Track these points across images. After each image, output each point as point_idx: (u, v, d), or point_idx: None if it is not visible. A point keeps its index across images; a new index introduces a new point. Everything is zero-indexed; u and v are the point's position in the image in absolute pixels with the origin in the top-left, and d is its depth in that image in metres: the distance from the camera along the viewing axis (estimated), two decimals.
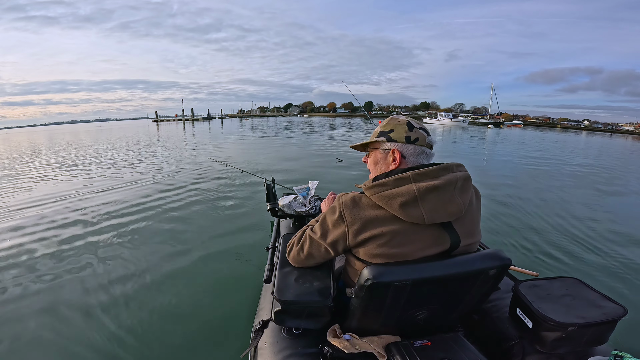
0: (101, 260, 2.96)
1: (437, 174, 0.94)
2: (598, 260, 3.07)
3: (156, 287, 2.50)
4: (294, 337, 1.14)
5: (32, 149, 15.95)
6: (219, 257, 3.02)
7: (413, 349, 1.03)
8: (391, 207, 0.92)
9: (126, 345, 1.92)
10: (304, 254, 1.15)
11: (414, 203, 0.90)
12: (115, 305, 2.30)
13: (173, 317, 2.16)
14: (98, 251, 3.17)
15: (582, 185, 6.67)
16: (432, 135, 1.08)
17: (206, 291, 2.46)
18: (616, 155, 14.77)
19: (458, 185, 0.94)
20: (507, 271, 1.65)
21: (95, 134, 28.76)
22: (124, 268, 2.81)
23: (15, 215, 4.37)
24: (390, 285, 0.94)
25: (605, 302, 1.09)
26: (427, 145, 1.03)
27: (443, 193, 0.92)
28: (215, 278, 2.64)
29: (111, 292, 2.46)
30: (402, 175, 0.94)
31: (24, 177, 7.37)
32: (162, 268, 2.79)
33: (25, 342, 1.97)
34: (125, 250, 3.17)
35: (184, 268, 2.80)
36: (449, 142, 16.88)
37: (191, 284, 2.56)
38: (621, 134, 56.87)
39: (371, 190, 0.96)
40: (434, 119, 55.43)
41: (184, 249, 3.18)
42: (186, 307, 2.27)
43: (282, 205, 2.05)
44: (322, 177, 6.67)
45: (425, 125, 1.07)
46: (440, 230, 0.94)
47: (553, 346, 1.05)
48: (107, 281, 2.61)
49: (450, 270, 0.98)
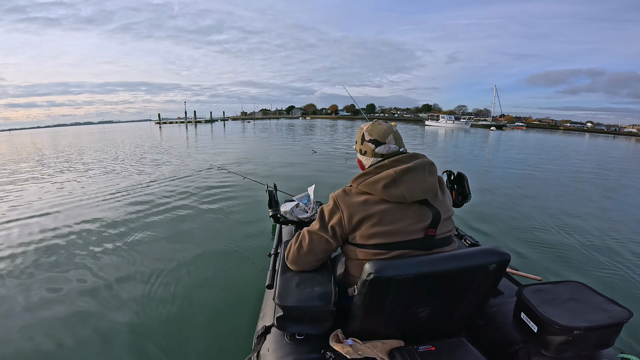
0: (102, 267, 2.96)
1: (408, 160, 1.12)
2: (602, 264, 3.04)
3: (157, 293, 2.50)
4: (297, 343, 1.14)
5: (55, 150, 16.03)
6: (221, 262, 3.01)
7: (417, 354, 1.03)
8: (376, 191, 1.07)
9: (126, 349, 1.91)
10: (304, 249, 1.19)
11: (394, 184, 1.06)
12: (114, 310, 2.29)
13: (175, 322, 2.15)
14: (97, 255, 3.18)
15: (584, 189, 6.63)
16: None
17: (209, 296, 2.46)
18: (619, 157, 14.67)
19: (427, 169, 1.12)
20: (511, 276, 1.66)
21: (98, 136, 28.93)
22: (125, 273, 2.80)
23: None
24: (392, 280, 0.96)
25: (610, 306, 1.08)
26: (377, 155, 1.18)
27: (416, 174, 1.09)
28: (217, 284, 2.64)
29: (111, 296, 2.46)
30: (380, 163, 1.13)
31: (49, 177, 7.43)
32: (163, 273, 2.79)
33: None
34: (126, 255, 3.17)
35: (186, 274, 2.79)
36: (450, 147, 16.78)
37: (194, 289, 2.56)
38: (624, 136, 56.57)
39: (357, 180, 1.14)
40: (436, 121, 55.33)
41: (185, 254, 3.17)
42: (189, 312, 2.26)
43: (284, 212, 2.05)
44: (325, 180, 6.69)
45: (380, 133, 1.19)
46: (422, 207, 1.08)
47: (559, 350, 1.04)
48: (106, 286, 2.61)
49: (451, 265, 1.01)
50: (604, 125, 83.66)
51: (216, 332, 2.05)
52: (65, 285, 2.63)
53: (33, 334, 2.04)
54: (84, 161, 10.79)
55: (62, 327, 2.11)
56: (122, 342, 1.97)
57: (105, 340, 1.99)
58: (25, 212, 4.74)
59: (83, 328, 2.10)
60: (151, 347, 1.94)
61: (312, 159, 10.13)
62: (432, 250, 1.09)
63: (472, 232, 2.42)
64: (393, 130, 1.20)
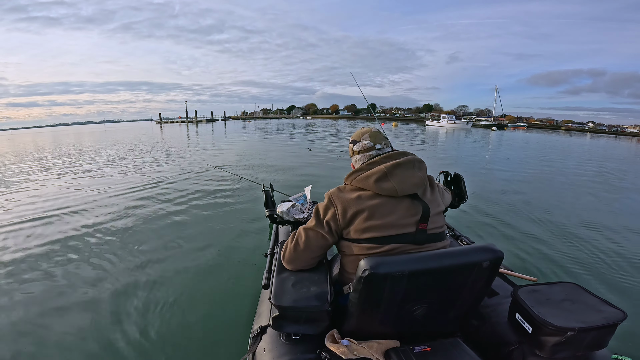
0: (96, 266, 2.97)
1: (398, 157, 1.19)
2: (597, 265, 3.04)
3: (153, 292, 2.50)
4: (293, 343, 1.14)
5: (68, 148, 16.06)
6: (217, 262, 3.02)
7: (412, 354, 1.03)
8: (368, 185, 1.13)
9: (121, 349, 1.92)
10: (300, 247, 1.21)
11: (385, 178, 1.12)
12: (113, 309, 2.30)
13: (170, 322, 2.16)
14: (93, 255, 3.20)
15: (581, 190, 6.62)
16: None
17: (205, 296, 2.46)
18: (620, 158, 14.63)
19: (416, 165, 1.18)
20: (506, 276, 1.66)
21: (99, 135, 28.95)
22: (118, 275, 2.79)
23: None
24: (387, 276, 0.97)
25: (604, 307, 1.09)
26: (355, 152, 1.32)
27: (405, 169, 1.15)
28: (213, 284, 2.64)
29: (106, 296, 2.47)
30: (372, 160, 1.21)
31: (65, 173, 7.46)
32: (160, 273, 2.80)
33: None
34: (122, 255, 3.17)
35: (181, 273, 2.80)
36: (451, 148, 16.72)
37: (190, 289, 2.56)
38: (626, 136, 56.38)
39: (351, 177, 1.21)
40: (437, 121, 55.19)
41: (181, 254, 3.18)
42: (184, 312, 2.27)
43: (280, 212, 2.05)
44: (321, 179, 6.70)
45: (357, 134, 1.34)
46: (412, 201, 1.13)
47: (553, 351, 1.05)
48: (103, 284, 2.62)
49: (445, 262, 1.02)
50: (605, 126, 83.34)
51: (212, 332, 2.06)
52: (64, 287, 2.64)
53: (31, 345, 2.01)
54: (84, 161, 10.83)
55: (61, 332, 2.10)
56: (118, 342, 1.98)
57: (102, 340, 2.00)
58: (23, 214, 4.73)
59: (81, 330, 2.11)
60: (147, 346, 1.94)
61: (309, 159, 10.11)
62: (425, 245, 1.12)
63: (467, 232, 2.42)
64: (371, 131, 1.32)
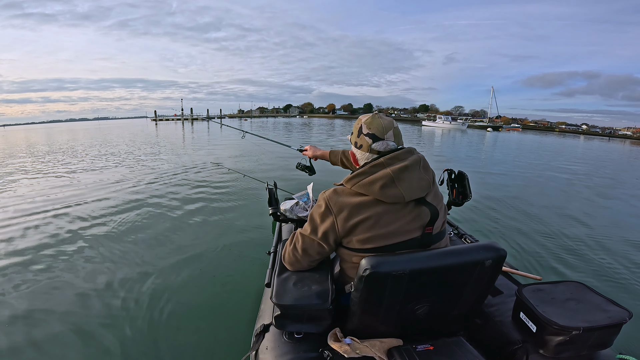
0: (97, 264, 2.93)
1: (404, 157, 1.06)
2: (602, 264, 3.06)
3: (155, 291, 2.47)
4: (295, 342, 1.13)
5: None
6: (220, 260, 3.00)
7: (415, 353, 1.02)
8: (373, 192, 1.01)
9: (124, 348, 1.89)
10: (298, 252, 1.17)
11: (391, 184, 1.00)
12: (113, 309, 2.27)
13: (173, 321, 2.14)
14: (93, 254, 3.15)
15: (582, 191, 6.67)
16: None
17: (207, 294, 2.44)
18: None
19: (422, 165, 1.08)
20: (510, 275, 1.66)
21: (94, 132, 28.64)
22: (122, 272, 2.77)
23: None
24: (388, 275, 0.95)
25: (609, 306, 1.08)
26: (373, 152, 1.10)
27: (412, 171, 1.04)
28: (216, 281, 2.62)
29: (109, 296, 2.43)
30: (376, 162, 1.05)
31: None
32: (162, 271, 2.76)
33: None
34: (124, 254, 3.13)
35: (184, 272, 2.77)
36: (447, 147, 16.81)
37: (192, 287, 2.54)
38: (619, 139, 57.10)
39: (352, 181, 1.06)
40: (433, 121, 55.50)
41: (184, 252, 3.14)
42: (187, 311, 2.24)
43: (284, 210, 2.05)
44: (318, 178, 6.66)
45: (379, 128, 1.09)
46: (419, 206, 1.04)
47: (557, 350, 1.04)
48: (106, 284, 2.58)
49: (447, 260, 1.00)
50: (598, 128, 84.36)
51: (215, 330, 2.04)
52: (61, 288, 2.59)
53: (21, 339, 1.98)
54: (79, 158, 10.69)
55: (60, 334, 2.05)
56: (118, 341, 1.95)
57: (103, 339, 1.97)
58: (9, 214, 4.65)
59: (81, 330, 2.08)
60: (150, 345, 1.92)
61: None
62: (429, 247, 1.08)
63: (471, 231, 2.42)
64: (394, 126, 1.10)
